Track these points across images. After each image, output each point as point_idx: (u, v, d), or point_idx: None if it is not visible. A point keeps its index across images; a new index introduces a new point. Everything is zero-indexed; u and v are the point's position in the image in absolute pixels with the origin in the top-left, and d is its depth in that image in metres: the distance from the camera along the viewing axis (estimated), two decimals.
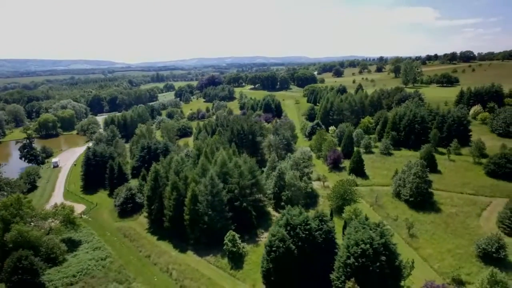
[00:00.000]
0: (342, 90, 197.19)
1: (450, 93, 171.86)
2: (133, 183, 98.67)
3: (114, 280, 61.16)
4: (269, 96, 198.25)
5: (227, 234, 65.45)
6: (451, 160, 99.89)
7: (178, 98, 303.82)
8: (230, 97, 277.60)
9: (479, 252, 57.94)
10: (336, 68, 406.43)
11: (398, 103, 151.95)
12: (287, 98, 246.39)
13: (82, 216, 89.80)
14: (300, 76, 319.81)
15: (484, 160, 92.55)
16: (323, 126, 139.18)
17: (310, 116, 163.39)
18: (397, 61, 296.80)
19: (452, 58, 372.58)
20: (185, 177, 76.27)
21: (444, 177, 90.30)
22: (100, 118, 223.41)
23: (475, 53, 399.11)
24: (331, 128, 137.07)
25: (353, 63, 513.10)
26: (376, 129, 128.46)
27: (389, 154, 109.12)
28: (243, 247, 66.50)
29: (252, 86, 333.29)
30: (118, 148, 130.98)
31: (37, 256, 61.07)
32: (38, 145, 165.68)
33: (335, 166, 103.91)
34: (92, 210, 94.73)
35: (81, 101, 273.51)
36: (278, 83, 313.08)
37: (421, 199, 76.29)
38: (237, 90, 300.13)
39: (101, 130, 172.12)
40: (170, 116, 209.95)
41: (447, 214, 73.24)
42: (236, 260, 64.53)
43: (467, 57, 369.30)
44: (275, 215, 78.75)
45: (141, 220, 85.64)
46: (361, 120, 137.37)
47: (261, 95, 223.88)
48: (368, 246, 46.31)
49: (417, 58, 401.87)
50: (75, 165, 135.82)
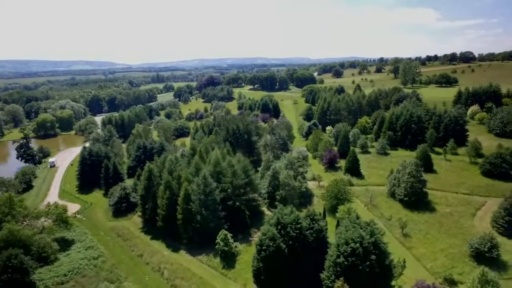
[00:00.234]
0: (340, 90, 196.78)
1: (449, 94, 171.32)
2: (129, 183, 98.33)
3: (105, 279, 60.88)
4: (267, 97, 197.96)
5: (219, 234, 65.19)
6: (447, 160, 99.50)
7: (177, 99, 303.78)
8: (229, 98, 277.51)
9: (472, 252, 57.61)
10: (336, 69, 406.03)
11: (396, 103, 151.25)
12: (286, 99, 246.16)
13: (76, 216, 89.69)
14: (299, 77, 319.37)
15: (480, 160, 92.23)
16: (320, 126, 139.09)
17: (308, 116, 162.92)
18: (396, 62, 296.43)
19: (452, 59, 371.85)
20: (179, 176, 76.01)
21: (440, 177, 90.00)
22: (99, 118, 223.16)
23: (476, 54, 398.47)
24: (328, 128, 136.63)
25: (353, 64, 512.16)
26: (373, 129, 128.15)
27: (386, 154, 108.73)
28: (236, 247, 66.27)
29: (251, 87, 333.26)
30: (115, 148, 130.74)
31: (28, 255, 60.72)
32: (36, 145, 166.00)
33: (331, 166, 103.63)
34: (87, 210, 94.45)
35: (80, 102, 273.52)
36: (277, 84, 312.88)
37: (415, 199, 75.98)
38: (236, 91, 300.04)
39: (99, 130, 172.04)
40: (169, 116, 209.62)
41: (441, 214, 72.95)
42: (228, 260, 64.31)
43: (467, 58, 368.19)
44: (269, 215, 78.33)
45: (135, 220, 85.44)
46: (358, 120, 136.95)
47: (260, 96, 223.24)
48: (358, 245, 45.96)
49: (417, 59, 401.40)
50: (72, 165, 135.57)
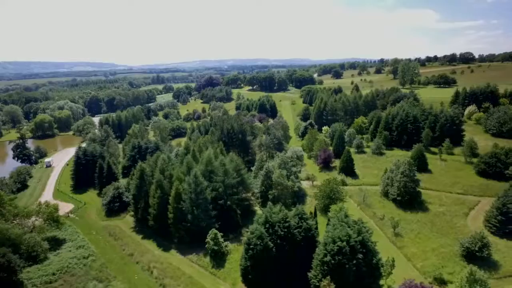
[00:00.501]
0: (338, 91, 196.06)
1: (447, 94, 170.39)
2: (124, 182, 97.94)
3: (94, 278, 60.64)
4: (265, 97, 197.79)
5: (210, 233, 64.77)
6: (443, 160, 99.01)
7: (176, 99, 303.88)
8: (228, 98, 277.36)
9: (463, 251, 57.03)
10: (335, 70, 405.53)
11: (393, 104, 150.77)
12: (284, 99, 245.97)
13: (69, 215, 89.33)
14: (298, 77, 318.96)
15: (476, 160, 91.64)
16: (316, 126, 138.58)
17: (305, 116, 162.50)
18: (396, 63, 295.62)
19: (452, 60, 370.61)
20: (170, 176, 75.73)
21: (435, 177, 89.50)
22: (97, 119, 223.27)
23: (476, 55, 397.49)
24: (325, 128, 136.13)
25: (354, 65, 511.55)
26: (369, 129, 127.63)
27: (381, 154, 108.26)
28: (226, 246, 65.93)
29: (250, 88, 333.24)
30: (111, 148, 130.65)
31: (17, 254, 60.46)
32: (34, 146, 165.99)
33: (326, 166, 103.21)
34: (80, 209, 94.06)
35: (79, 102, 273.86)
36: (276, 84, 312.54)
37: (409, 198, 75.51)
38: (235, 91, 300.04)
39: (95, 130, 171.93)
40: (167, 117, 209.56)
41: (434, 213, 72.40)
42: (218, 259, 63.92)
43: (467, 59, 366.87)
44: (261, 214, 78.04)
45: (128, 219, 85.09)
46: (355, 120, 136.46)
47: (259, 96, 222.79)
48: (345, 244, 45.53)
49: (417, 60, 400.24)
50: (68, 165, 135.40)
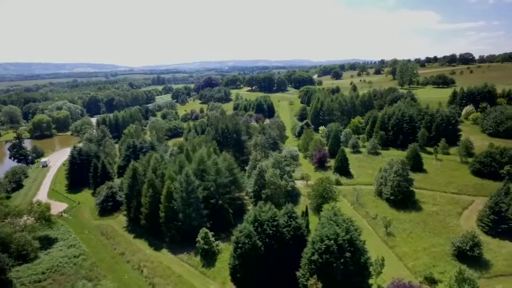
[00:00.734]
0: (335, 91, 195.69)
1: (445, 94, 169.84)
2: (118, 182, 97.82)
3: (84, 277, 60.39)
4: (262, 97, 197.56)
5: (200, 232, 64.48)
6: (438, 160, 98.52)
7: (175, 100, 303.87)
8: (226, 99, 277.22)
9: (454, 251, 56.53)
10: (335, 71, 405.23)
11: (391, 104, 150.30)
12: (283, 100, 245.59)
13: (63, 215, 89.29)
14: (297, 78, 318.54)
15: (471, 160, 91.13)
16: (312, 126, 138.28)
17: (302, 117, 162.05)
18: (395, 63, 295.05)
19: (452, 60, 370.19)
20: (162, 175, 75.49)
21: (429, 176, 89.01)
22: (95, 119, 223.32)
23: (477, 56, 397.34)
24: (321, 128, 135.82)
25: (354, 66, 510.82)
26: (366, 129, 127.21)
27: (377, 154, 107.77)
28: (217, 245, 65.57)
29: (249, 88, 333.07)
30: (107, 148, 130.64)
31: (6, 253, 60.28)
32: (32, 146, 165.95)
33: (321, 165, 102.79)
34: (74, 209, 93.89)
35: (78, 103, 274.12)
36: (275, 85, 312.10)
37: (402, 198, 75.05)
38: (234, 92, 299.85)
39: (92, 130, 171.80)
40: (165, 117, 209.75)
41: (427, 213, 71.90)
42: (209, 258, 63.64)
43: (466, 60, 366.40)
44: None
45: (121, 219, 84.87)
46: (351, 120, 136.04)
47: (258, 97, 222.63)
48: (333, 242, 45.08)
49: (417, 61, 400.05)
50: (64, 165, 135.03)
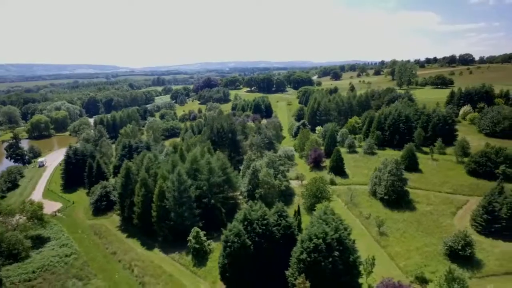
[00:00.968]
0: (333, 91, 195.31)
1: (443, 94, 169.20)
2: (113, 182, 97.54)
3: (75, 277, 60.22)
4: (260, 98, 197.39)
5: (192, 231, 64.17)
6: (434, 159, 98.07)
7: (174, 101, 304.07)
8: (225, 99, 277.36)
9: (446, 250, 56.06)
10: (335, 71, 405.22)
11: (388, 104, 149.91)
12: (282, 100, 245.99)
13: (57, 214, 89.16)
14: (297, 79, 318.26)
15: (467, 159, 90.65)
16: (309, 126, 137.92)
17: (299, 117, 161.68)
18: (394, 64, 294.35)
19: (451, 61, 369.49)
20: (155, 174, 75.29)
21: (425, 176, 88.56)
22: (94, 120, 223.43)
23: (477, 57, 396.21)
24: (318, 128, 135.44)
25: (354, 67, 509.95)
26: (362, 129, 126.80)
27: (373, 154, 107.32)
28: (209, 245, 65.21)
29: (249, 89, 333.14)
30: (103, 148, 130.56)
31: None
32: (30, 146, 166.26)
33: (316, 165, 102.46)
34: (68, 208, 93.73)
35: (77, 103, 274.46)
36: (274, 86, 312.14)
37: (396, 197, 74.61)
38: (233, 93, 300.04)
39: (89, 130, 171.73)
40: (163, 118, 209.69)
41: (421, 213, 71.45)
42: (200, 258, 63.30)
43: (466, 60, 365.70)
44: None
45: (114, 218, 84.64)
46: (348, 120, 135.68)
47: (257, 97, 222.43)
48: (321, 241, 44.73)
49: (416, 61, 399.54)
50: (60, 165, 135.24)
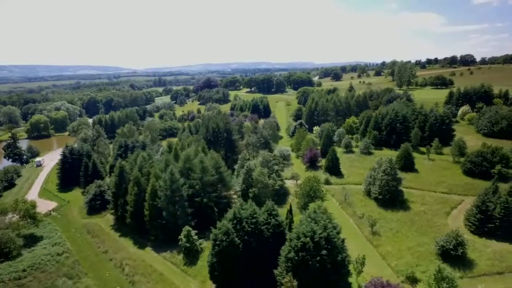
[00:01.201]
0: (332, 92, 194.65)
1: (442, 95, 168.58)
2: (108, 181, 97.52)
3: (65, 275, 60.05)
4: (259, 98, 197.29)
5: (183, 230, 63.90)
6: (430, 159, 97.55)
7: (174, 101, 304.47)
8: (225, 100, 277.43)
9: (438, 250, 55.54)
10: (335, 72, 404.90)
11: (387, 104, 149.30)
12: (281, 101, 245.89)
13: (52, 213, 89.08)
14: (297, 79, 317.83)
15: (463, 159, 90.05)
16: (307, 126, 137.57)
17: (297, 117, 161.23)
18: (394, 65, 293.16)
19: (452, 62, 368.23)
20: (148, 173, 75.14)
21: (421, 176, 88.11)
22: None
23: (479, 58, 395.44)
24: (315, 128, 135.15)
25: (355, 68, 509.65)
26: (360, 129, 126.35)
27: (369, 154, 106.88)
28: (200, 244, 64.89)
29: (249, 89, 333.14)
30: (100, 147, 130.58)
31: None
32: (28, 146, 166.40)
33: (312, 165, 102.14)
34: (63, 208, 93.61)
35: (77, 104, 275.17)
36: (274, 86, 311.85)
37: (390, 197, 74.16)
38: (233, 93, 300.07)
39: (87, 130, 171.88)
40: (162, 118, 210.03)
41: (415, 212, 70.95)
42: (192, 256, 63.00)
43: (467, 61, 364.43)
44: None
45: (108, 217, 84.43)
46: (346, 120, 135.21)
47: (254, 98, 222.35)
48: (309, 240, 44.37)
49: (417, 62, 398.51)
50: (58, 164, 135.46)
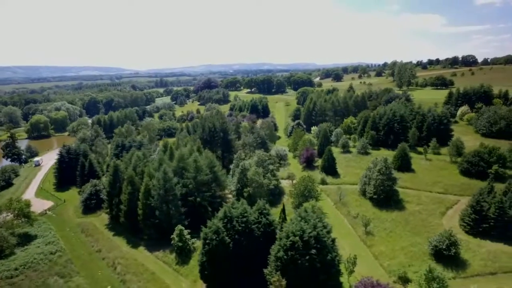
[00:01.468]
0: (331, 92, 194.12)
1: (441, 95, 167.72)
2: (104, 180, 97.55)
3: (57, 274, 60.05)
4: (258, 98, 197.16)
5: (176, 229, 63.70)
6: (428, 159, 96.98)
7: (174, 102, 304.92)
8: (225, 100, 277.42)
9: (431, 250, 55.02)
10: (336, 73, 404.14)
11: (386, 104, 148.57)
12: (281, 101, 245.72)
13: (47, 212, 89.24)
14: (297, 80, 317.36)
15: (460, 159, 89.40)
16: (304, 126, 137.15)
17: (296, 117, 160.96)
18: (394, 65, 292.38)
19: (454, 63, 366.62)
20: (142, 172, 75.03)
21: (417, 176, 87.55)
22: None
23: (481, 59, 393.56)
24: (313, 128, 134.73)
25: (356, 69, 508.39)
26: (358, 129, 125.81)
27: (366, 154, 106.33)
28: (193, 243, 64.61)
29: (249, 90, 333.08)
30: (98, 147, 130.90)
31: None
32: (27, 145, 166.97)
33: (309, 165, 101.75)
34: (59, 207, 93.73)
35: (78, 104, 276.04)
36: (275, 87, 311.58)
37: (385, 197, 73.60)
38: (233, 94, 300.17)
39: (86, 130, 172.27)
40: (162, 118, 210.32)
41: (410, 212, 70.39)
42: (184, 256, 62.79)
43: (469, 62, 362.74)
44: None
45: (103, 216, 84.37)
46: (344, 120, 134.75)
47: (253, 98, 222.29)
48: (298, 239, 44.09)
49: (419, 63, 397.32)
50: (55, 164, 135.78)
